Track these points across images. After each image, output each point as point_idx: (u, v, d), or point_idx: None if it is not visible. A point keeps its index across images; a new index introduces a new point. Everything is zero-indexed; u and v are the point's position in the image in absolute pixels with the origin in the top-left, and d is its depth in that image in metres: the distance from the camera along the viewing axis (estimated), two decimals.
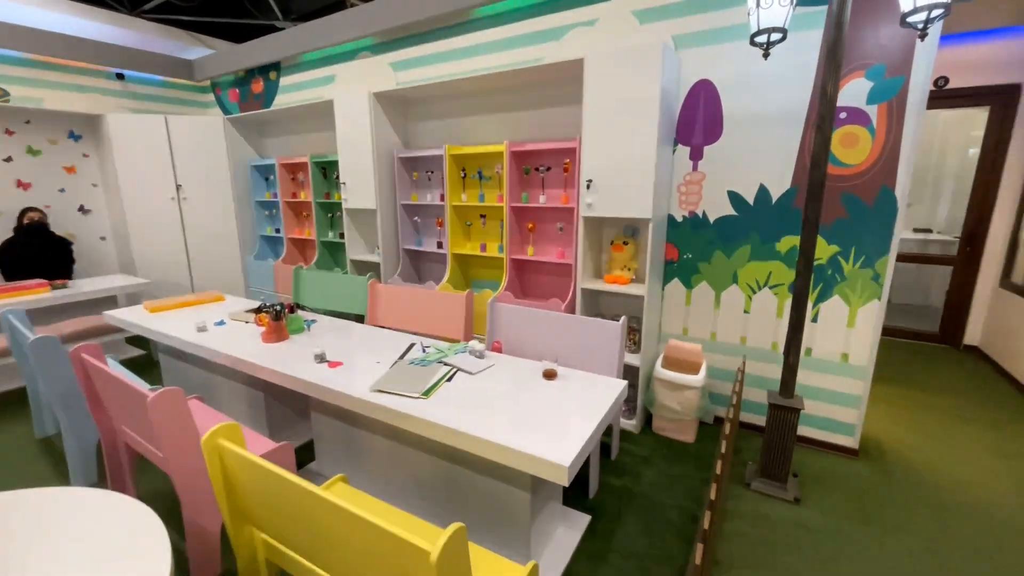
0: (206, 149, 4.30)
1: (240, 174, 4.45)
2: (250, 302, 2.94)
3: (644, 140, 2.26)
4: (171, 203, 4.25)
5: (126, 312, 2.73)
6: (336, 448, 2.15)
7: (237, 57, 4.46)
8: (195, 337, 2.28)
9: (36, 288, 3.28)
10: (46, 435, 2.63)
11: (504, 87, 3.01)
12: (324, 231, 4.03)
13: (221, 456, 1.22)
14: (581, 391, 1.67)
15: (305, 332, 2.36)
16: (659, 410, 2.51)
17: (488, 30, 3.07)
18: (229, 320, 2.55)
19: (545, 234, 3.01)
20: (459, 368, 1.87)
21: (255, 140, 4.58)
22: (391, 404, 1.58)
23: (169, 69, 4.82)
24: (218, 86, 4.99)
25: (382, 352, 2.07)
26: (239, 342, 2.21)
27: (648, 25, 2.52)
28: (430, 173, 3.44)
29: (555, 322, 2.30)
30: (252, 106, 4.63)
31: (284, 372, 1.85)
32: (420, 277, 3.70)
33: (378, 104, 3.28)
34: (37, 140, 4.07)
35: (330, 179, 4.00)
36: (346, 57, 3.83)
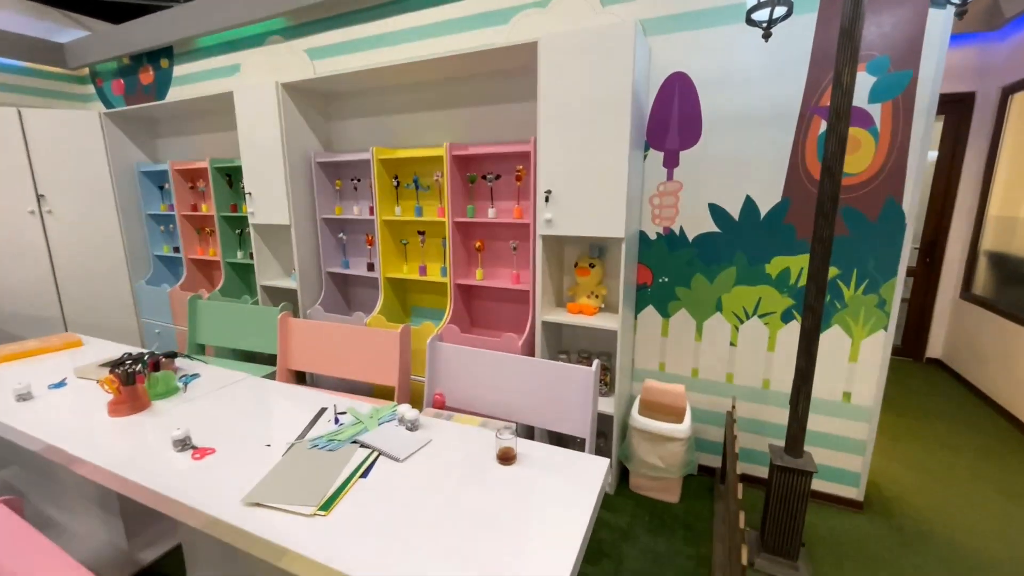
0: (78, 150, 3.49)
1: (126, 181, 3.66)
2: (117, 348, 2.25)
3: (614, 143, 1.85)
4: (30, 217, 3.40)
5: None
6: (212, 556, 1.56)
7: (119, 40, 3.69)
8: (10, 409, 1.62)
9: None
10: None
11: (442, 79, 2.53)
12: (231, 251, 3.35)
13: None
14: (549, 480, 1.21)
15: (179, 394, 1.75)
16: (637, 466, 2.09)
17: (421, 11, 2.57)
18: (75, 379, 1.88)
19: (496, 254, 2.54)
20: (381, 451, 1.35)
21: (145, 141, 3.80)
22: (268, 529, 1.04)
23: (33, 54, 3.94)
24: (99, 76, 4.15)
25: (281, 423, 1.52)
26: (80, 416, 1.58)
27: (611, 7, 2.13)
28: (356, 181, 2.88)
29: (512, 367, 1.83)
30: (141, 99, 3.86)
31: (119, 474, 1.25)
32: (349, 305, 3.11)
33: (289, 98, 2.69)
34: None
35: (236, 188, 3.33)
36: (253, 43, 3.20)
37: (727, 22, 1.92)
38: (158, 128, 3.82)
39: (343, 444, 1.39)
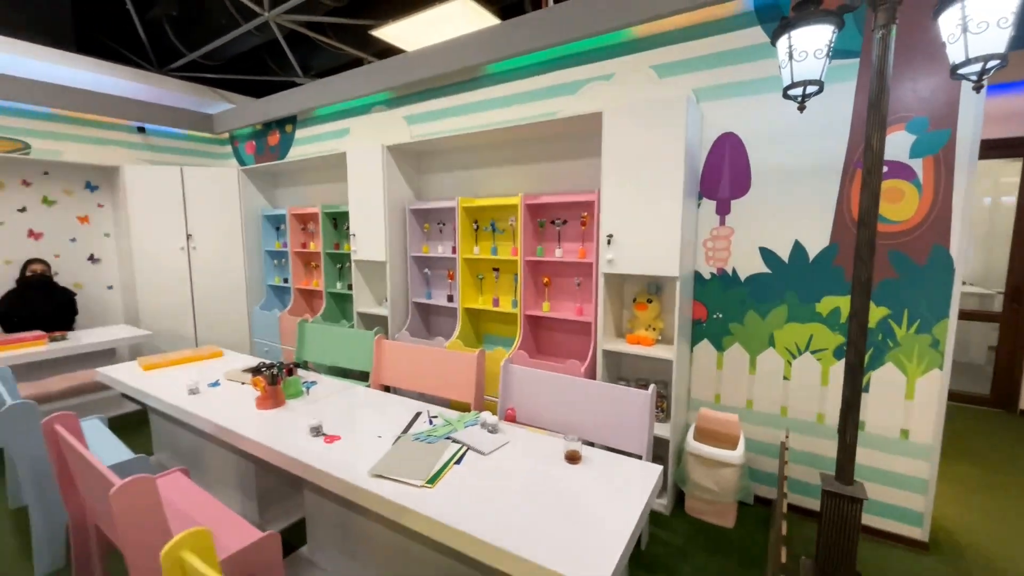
0: (220, 199, 4.30)
1: (252, 224, 4.43)
2: (250, 359, 2.77)
3: (669, 194, 2.14)
4: (180, 253, 4.20)
5: (120, 369, 2.58)
6: (330, 532, 1.90)
7: (255, 111, 4.55)
8: (186, 401, 2.11)
9: (33, 341, 3.16)
10: (20, 505, 2.42)
11: (518, 140, 2.96)
12: (332, 282, 3.92)
13: (184, 573, 1.01)
14: (609, 478, 1.44)
15: (303, 397, 2.17)
16: (693, 489, 2.23)
17: (500, 85, 3.06)
18: (225, 380, 2.38)
19: (562, 289, 2.85)
20: (469, 446, 1.66)
21: (268, 191, 4.59)
22: (391, 494, 1.36)
23: (190, 122, 4.94)
24: (236, 138, 5.09)
25: (385, 422, 1.87)
26: (233, 407, 2.03)
27: (668, 79, 2.46)
28: (441, 225, 3.34)
29: (576, 389, 2.09)
30: (267, 157, 4.68)
31: (276, 449, 1.65)
32: (429, 331, 3.52)
33: (391, 157, 3.24)
34: (53, 191, 4.10)
35: (340, 230, 3.93)
36: (361, 111, 3.86)
37: (771, 90, 2.18)
38: (279, 180, 4.60)
39: (439, 439, 1.71)
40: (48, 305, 3.60)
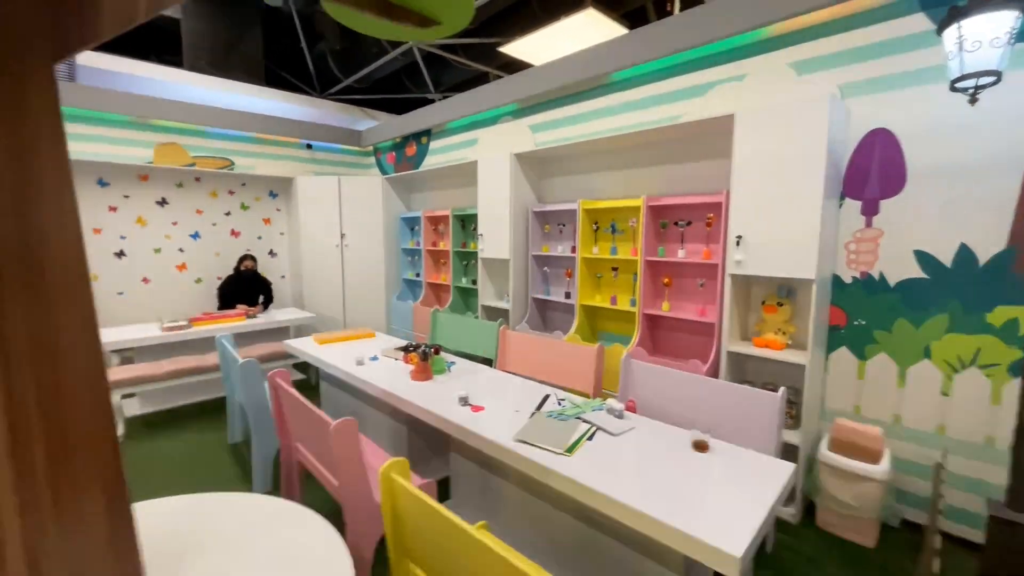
0: (366, 204, 5.00)
1: (391, 225, 5.07)
2: (396, 340, 3.23)
3: (807, 195, 2.09)
4: (335, 249, 4.96)
5: (300, 342, 3.18)
6: (471, 490, 2.20)
7: (396, 126, 5.20)
8: (354, 369, 2.56)
9: (236, 317, 4.01)
10: (235, 442, 3.12)
11: (640, 143, 3.05)
12: (459, 277, 4.35)
13: (392, 489, 1.31)
14: (738, 469, 1.50)
15: (447, 373, 2.51)
16: (826, 501, 2.14)
17: (625, 91, 3.17)
18: (381, 356, 2.82)
19: (683, 290, 2.89)
20: (599, 427, 1.82)
21: (405, 196, 5.21)
22: (535, 456, 1.58)
23: (343, 138, 5.78)
24: (379, 150, 5.84)
25: (517, 400, 2.11)
26: (390, 377, 2.42)
27: (808, 76, 2.38)
28: (562, 226, 3.55)
29: (700, 386, 2.14)
30: (405, 167, 5.31)
31: (434, 412, 1.97)
32: (546, 325, 3.75)
33: (517, 163, 3.53)
34: (248, 198, 5.11)
35: (467, 230, 4.34)
36: (489, 122, 4.23)
37: (933, 81, 2.02)
38: (414, 186, 5.20)
39: (570, 418, 1.90)
40: (254, 293, 4.50)
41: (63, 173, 0.90)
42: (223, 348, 2.83)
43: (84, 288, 0.95)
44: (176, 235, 4.68)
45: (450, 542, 1.12)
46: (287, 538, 1.27)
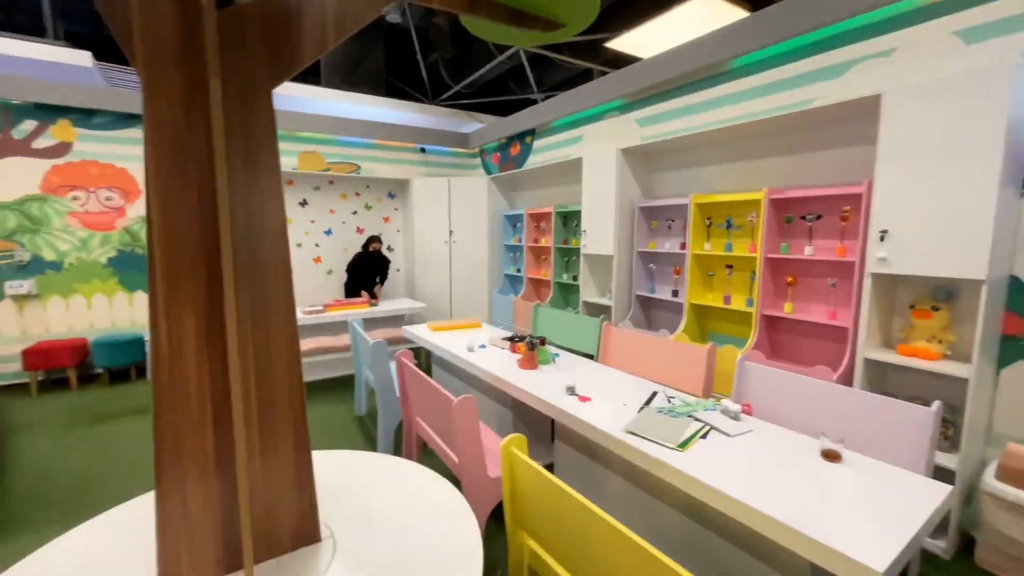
0: (473, 203, 5.28)
1: (495, 223, 5.30)
2: (500, 331, 3.39)
3: (978, 182, 1.80)
4: (444, 245, 5.32)
5: (416, 328, 3.48)
6: (575, 477, 2.25)
7: (502, 127, 5.41)
8: (466, 355, 2.75)
9: (360, 304, 4.50)
10: (361, 414, 3.52)
11: (759, 132, 2.85)
12: (560, 273, 4.42)
13: (511, 462, 1.41)
14: (879, 485, 1.36)
15: (551, 364, 2.59)
16: (989, 537, 1.84)
17: (743, 79, 2.97)
18: (489, 345, 2.99)
19: (809, 290, 2.65)
20: (713, 427, 1.76)
21: (508, 194, 5.41)
22: (646, 449, 1.58)
23: (452, 141, 6.16)
24: (484, 151, 6.12)
25: (623, 394, 2.11)
26: (499, 364, 2.56)
27: (980, 44, 2.05)
28: (670, 222, 3.44)
29: (831, 394, 1.96)
30: (509, 166, 5.50)
31: (543, 399, 2.05)
32: (649, 324, 3.67)
33: (624, 159, 3.49)
34: (371, 199, 5.69)
35: (569, 227, 4.39)
36: (594, 118, 4.23)
37: None
38: (517, 185, 5.37)
39: (681, 416, 1.86)
40: (378, 270, 5.00)
41: (275, 175, 1.13)
42: (354, 330, 3.21)
43: (285, 269, 1.16)
44: (313, 232, 5.37)
45: (566, 515, 1.18)
46: (418, 491, 1.44)
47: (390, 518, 1.30)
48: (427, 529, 1.25)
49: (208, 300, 1.02)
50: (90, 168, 4.35)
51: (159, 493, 1.00)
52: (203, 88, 0.99)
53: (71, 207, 4.30)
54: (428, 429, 2.27)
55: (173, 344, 0.99)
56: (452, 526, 1.27)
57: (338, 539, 1.20)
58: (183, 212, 0.99)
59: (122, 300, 4.53)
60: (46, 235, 4.22)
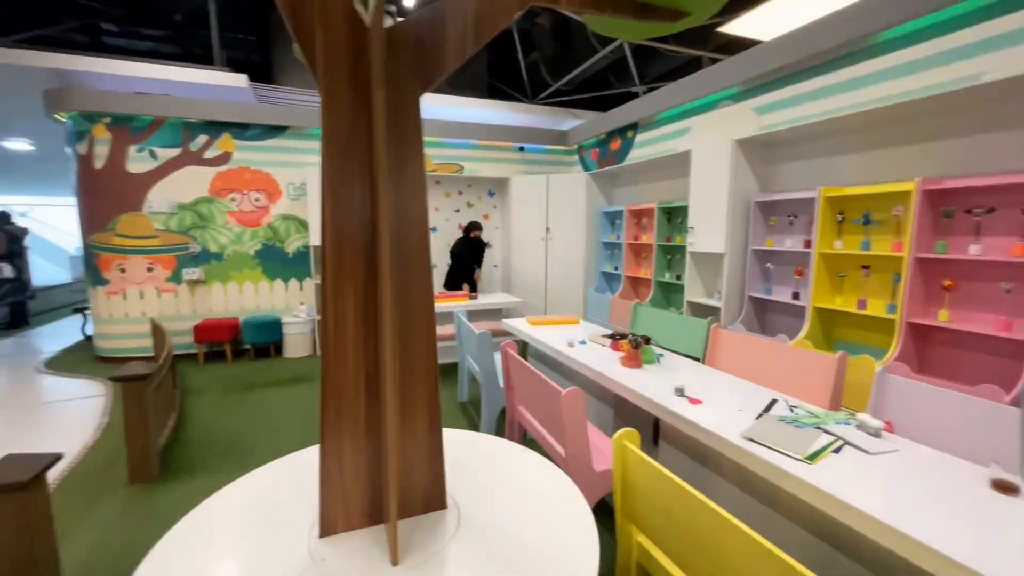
0: (570, 200, 5.29)
1: (592, 219, 5.25)
2: (598, 327, 3.37)
3: None
4: (540, 242, 5.40)
5: (516, 322, 3.58)
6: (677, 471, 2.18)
7: (602, 122, 5.34)
8: (566, 350, 2.78)
9: (461, 297, 4.74)
10: (463, 401, 3.73)
11: (904, 116, 2.49)
12: (661, 272, 4.27)
13: (624, 455, 1.42)
14: None
15: (656, 364, 2.52)
16: None
17: (890, 55, 2.61)
18: (589, 341, 2.99)
19: (974, 296, 2.27)
20: (847, 442, 1.60)
21: (607, 190, 5.33)
22: (768, 457, 1.49)
23: (550, 139, 6.21)
24: (583, 148, 6.08)
25: (738, 399, 1.99)
26: (600, 361, 2.55)
27: None
28: (792, 217, 3.16)
29: (1002, 418, 1.67)
30: (609, 162, 5.42)
31: (650, 398, 2.02)
32: (763, 328, 3.40)
33: (739, 150, 3.26)
34: (472, 197, 5.96)
35: (673, 223, 4.22)
36: (704, 109, 4.00)
37: None
38: (617, 181, 5.28)
39: (807, 427, 1.72)
40: (478, 256, 5.23)
41: (420, 173, 1.24)
42: (460, 321, 3.40)
43: (426, 257, 1.28)
44: None
45: (682, 512, 1.16)
46: (530, 474, 1.50)
47: (507, 496, 1.37)
48: (542, 510, 1.30)
49: (364, 285, 1.17)
50: (244, 174, 5.11)
51: (323, 450, 1.17)
52: (366, 99, 1.13)
53: (229, 207, 5.08)
54: (531, 419, 2.34)
55: (338, 323, 1.15)
56: (565, 509, 1.31)
57: (461, 509, 1.30)
58: (347, 209, 1.14)
59: (265, 287, 5.26)
60: (211, 231, 5.04)
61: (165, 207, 4.85)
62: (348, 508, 1.21)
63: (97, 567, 1.94)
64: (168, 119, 4.79)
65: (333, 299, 1.14)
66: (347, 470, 1.20)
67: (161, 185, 4.84)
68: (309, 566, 1.08)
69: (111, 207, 4.73)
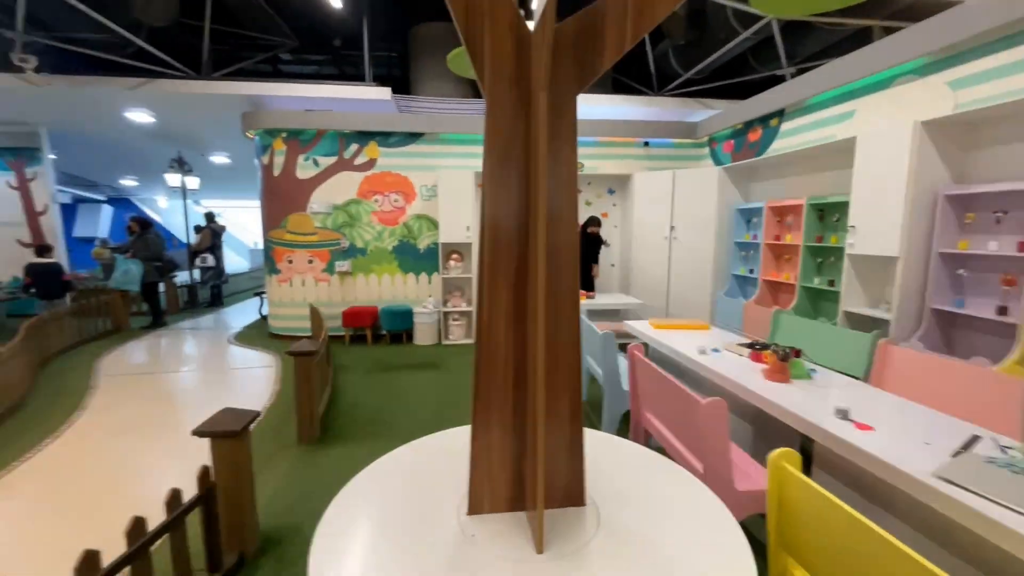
0: (699, 196, 4.94)
1: (724, 217, 4.84)
2: (731, 335, 3.10)
3: None
4: (663, 241, 5.13)
5: (638, 324, 3.46)
6: None
7: (740, 112, 4.88)
8: (698, 357, 2.60)
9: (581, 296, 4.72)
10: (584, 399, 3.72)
11: None
12: (810, 276, 3.78)
13: (782, 478, 1.28)
14: None
15: (808, 380, 2.24)
16: None
17: None
18: (724, 350, 2.77)
19: None
20: None
21: (743, 185, 4.87)
22: (972, 504, 1.23)
23: (678, 132, 5.86)
24: (715, 140, 5.64)
25: (919, 430, 1.68)
26: (738, 372, 2.34)
27: None
28: (1000, 214, 2.56)
29: None
30: (746, 155, 4.94)
31: (804, 417, 1.80)
32: (950, 346, 2.82)
33: (924, 134, 2.74)
34: (591, 196, 5.89)
35: (827, 221, 3.70)
36: (876, 88, 3.43)
37: None
38: (755, 175, 4.79)
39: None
40: (594, 252, 5.19)
41: (572, 170, 1.25)
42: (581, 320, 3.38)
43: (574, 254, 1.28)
44: None
45: (857, 548, 1.01)
46: (671, 484, 1.43)
47: (646, 503, 1.33)
48: (686, 525, 1.24)
49: (517, 280, 1.22)
50: (386, 177, 5.68)
51: (474, 433, 1.25)
52: (526, 101, 1.17)
53: (373, 207, 5.69)
54: (661, 427, 2.24)
55: (493, 316, 1.21)
56: (712, 528, 1.22)
57: (600, 509, 1.29)
58: (504, 206, 1.19)
59: (399, 280, 5.81)
60: (358, 228, 5.70)
61: (323, 208, 5.61)
62: (494, 491, 1.27)
63: (279, 507, 2.32)
64: (328, 131, 5.52)
65: (488, 295, 1.21)
66: (494, 455, 1.26)
67: (320, 189, 5.60)
68: (461, 540, 1.15)
69: (284, 208, 5.61)
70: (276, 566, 1.91)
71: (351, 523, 1.21)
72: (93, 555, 1.23)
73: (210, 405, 3.50)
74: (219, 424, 1.76)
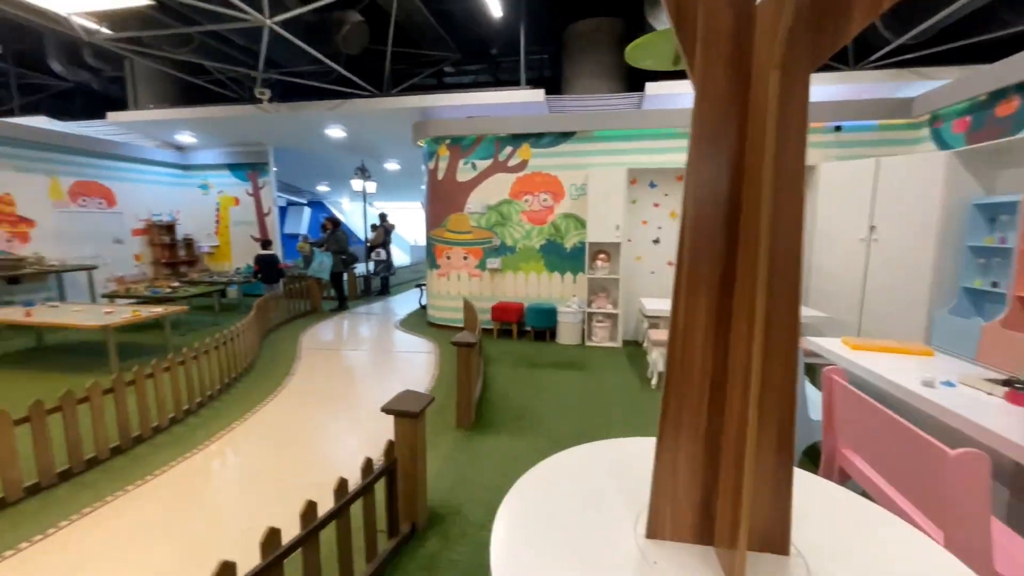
0: (913, 188, 3.98)
1: (953, 215, 3.83)
2: (970, 367, 2.41)
3: None
4: (859, 244, 4.28)
5: (826, 342, 2.92)
6: None
7: (979, 81, 3.80)
8: (920, 390, 2.08)
9: None
10: None
11: None
12: None
13: None
14: None
15: None
16: None
17: None
18: (960, 384, 2.17)
19: None
20: None
21: (985, 174, 3.78)
22: None
23: (883, 112, 4.83)
24: (938, 118, 4.51)
25: None
26: (988, 415, 1.80)
27: None
28: None
29: None
30: (989, 134, 3.84)
31: None
32: None
33: None
34: None
35: None
36: None
37: None
38: (1005, 160, 3.68)
39: None
40: None
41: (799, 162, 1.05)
42: None
43: (795, 259, 1.07)
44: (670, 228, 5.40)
45: None
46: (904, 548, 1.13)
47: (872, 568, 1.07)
48: None
49: (720, 283, 1.07)
50: (535, 178, 5.80)
51: (659, 448, 1.14)
52: (743, 83, 1.02)
53: (523, 207, 5.87)
54: (870, 472, 1.84)
55: (688, 321, 1.09)
56: None
57: (808, 563, 1.08)
58: (710, 205, 1.06)
59: (545, 278, 5.90)
60: (509, 227, 5.93)
61: (478, 208, 5.97)
62: (677, 517, 1.15)
63: (443, 485, 2.51)
64: (486, 136, 5.85)
65: (685, 301, 1.09)
66: (680, 478, 1.14)
67: (477, 190, 5.97)
68: (643, 565, 1.06)
69: (445, 209, 6.12)
70: (441, 542, 2.05)
71: (526, 521, 1.21)
72: (311, 506, 1.44)
73: (381, 383, 4.03)
74: (402, 404, 1.95)
